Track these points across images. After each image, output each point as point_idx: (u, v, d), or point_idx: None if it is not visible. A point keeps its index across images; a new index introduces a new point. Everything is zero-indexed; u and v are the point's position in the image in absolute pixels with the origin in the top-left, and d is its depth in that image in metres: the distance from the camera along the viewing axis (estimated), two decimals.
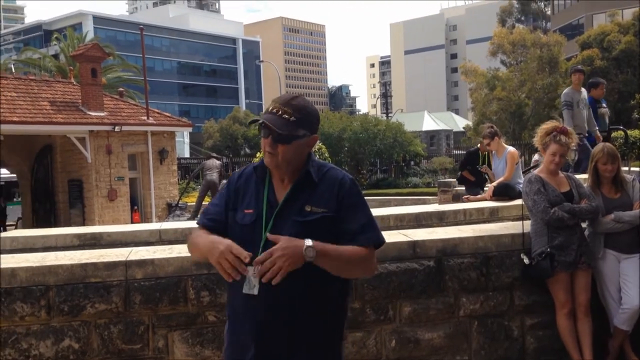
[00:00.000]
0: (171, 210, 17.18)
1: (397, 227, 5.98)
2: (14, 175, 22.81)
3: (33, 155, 19.12)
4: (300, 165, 2.25)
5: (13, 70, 29.48)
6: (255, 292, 2.12)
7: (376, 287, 3.63)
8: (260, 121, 2.18)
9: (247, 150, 52.31)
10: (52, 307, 3.35)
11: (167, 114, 21.34)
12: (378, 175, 34.89)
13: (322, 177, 2.26)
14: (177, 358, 3.46)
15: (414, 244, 3.76)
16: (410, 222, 6.20)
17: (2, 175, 24.44)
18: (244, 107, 77.82)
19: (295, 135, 2.17)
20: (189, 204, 17.50)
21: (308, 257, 2.04)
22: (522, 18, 60.41)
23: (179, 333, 3.47)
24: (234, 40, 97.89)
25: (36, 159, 19.00)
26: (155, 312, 3.42)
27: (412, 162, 34.54)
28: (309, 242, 2.06)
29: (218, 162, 14.62)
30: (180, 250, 3.67)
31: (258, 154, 15.08)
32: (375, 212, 7.36)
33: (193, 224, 8.13)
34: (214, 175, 14.05)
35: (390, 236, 3.95)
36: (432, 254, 3.78)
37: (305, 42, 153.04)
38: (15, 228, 19.30)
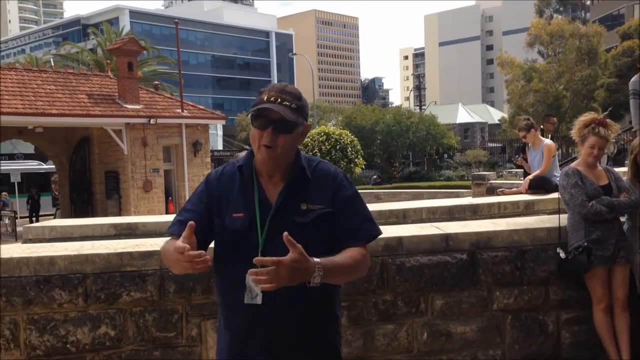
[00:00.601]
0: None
1: (429, 220, 5.93)
2: (50, 166, 23.39)
3: (71, 147, 19.59)
4: (291, 160, 2.11)
5: (52, 64, 30.15)
6: (259, 301, 1.98)
7: (408, 279, 3.61)
8: (264, 107, 2.01)
9: None
10: (89, 295, 3.43)
11: (201, 107, 21.59)
12: (410, 168, 34.63)
13: (312, 172, 2.13)
14: (209, 347, 3.50)
15: (446, 237, 3.73)
16: (443, 215, 6.14)
17: (36, 167, 25.08)
18: None
19: (296, 124, 2.05)
20: None
21: (314, 282, 1.87)
22: (561, 8, 59.03)
23: (212, 322, 3.51)
24: (267, 34, 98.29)
25: (74, 150, 19.45)
26: (189, 301, 3.47)
27: (446, 155, 34.18)
28: (319, 265, 1.87)
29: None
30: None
31: None
32: (408, 204, 7.35)
33: None
34: None
35: (423, 229, 3.93)
36: (465, 247, 3.73)
37: (338, 34, 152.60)
38: (54, 218, 19.80)
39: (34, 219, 19.78)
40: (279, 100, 2.02)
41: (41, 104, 16.43)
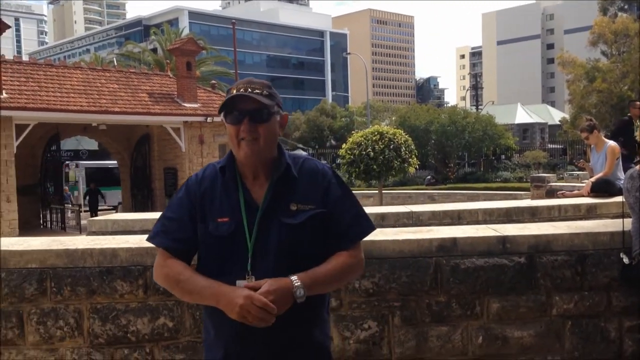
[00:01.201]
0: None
1: (485, 222, 5.82)
2: (109, 162, 24.17)
3: (132, 144, 20.22)
4: (274, 157, 2.01)
5: (115, 64, 31.17)
6: None
7: (462, 281, 3.56)
8: (235, 97, 1.93)
9: (333, 142, 52.65)
10: (149, 287, 3.53)
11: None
12: (466, 169, 34.06)
13: (299, 169, 2.01)
14: None
15: (503, 239, 3.65)
16: (500, 217, 6.01)
17: (95, 163, 25.94)
18: (330, 99, 78.29)
19: (272, 110, 1.97)
20: None
21: (298, 297, 1.83)
22: (626, 6, 56.60)
23: None
24: (321, 33, 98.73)
25: (135, 147, 20.08)
26: None
27: (503, 156, 33.45)
28: (296, 280, 1.83)
29: (304, 153, 14.80)
30: None
31: (344, 145, 15.12)
32: (463, 205, 7.25)
33: None
34: None
35: (479, 230, 3.86)
36: (523, 250, 3.64)
37: (394, 33, 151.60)
38: (116, 212, 20.49)
39: (93, 212, 20.53)
40: (249, 89, 1.94)
41: (105, 102, 17.04)
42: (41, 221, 18.68)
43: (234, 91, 1.95)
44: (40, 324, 3.60)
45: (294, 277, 1.84)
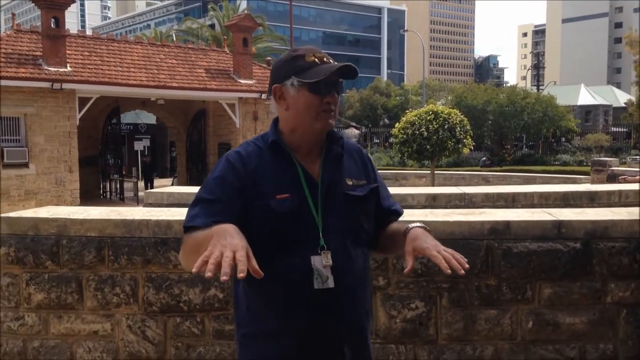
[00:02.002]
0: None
1: (541, 206, 5.68)
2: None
3: (189, 119, 20.64)
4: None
5: (174, 39, 31.73)
6: (331, 284, 1.81)
7: (514, 265, 3.49)
8: (345, 66, 1.85)
9: (387, 121, 52.18)
10: None
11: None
12: (523, 150, 33.19)
13: (344, 145, 1.99)
14: None
15: (559, 224, 3.55)
16: (557, 201, 5.85)
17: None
18: (385, 78, 77.44)
19: None
20: None
21: None
22: None
23: None
24: (379, 10, 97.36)
25: (191, 122, 20.49)
26: None
27: (563, 139, 32.42)
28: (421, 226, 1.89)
29: (357, 131, 14.76)
30: None
31: (397, 125, 14.97)
32: (518, 188, 7.09)
33: None
34: None
35: (534, 214, 3.77)
36: (579, 236, 3.54)
37: (453, 10, 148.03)
38: (172, 185, 21.04)
39: (148, 184, 21.12)
40: (328, 60, 1.88)
41: (163, 77, 17.40)
42: (101, 192, 19.39)
43: (313, 59, 1.85)
44: (97, 290, 3.76)
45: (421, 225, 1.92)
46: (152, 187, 16.88)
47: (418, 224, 1.91)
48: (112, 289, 3.75)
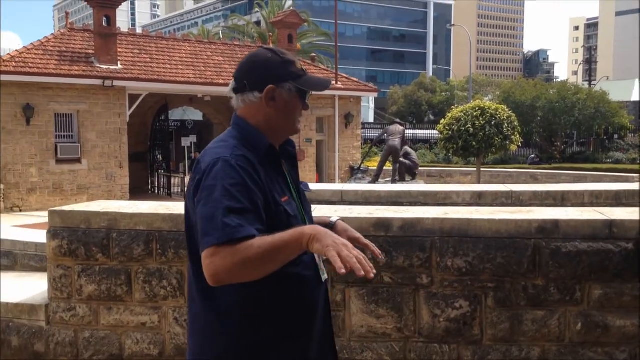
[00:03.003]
0: (353, 173, 17.69)
1: (591, 205, 5.52)
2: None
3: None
4: None
5: (221, 36, 32.13)
6: (326, 276, 1.97)
7: (563, 265, 3.41)
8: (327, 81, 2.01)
9: (431, 117, 51.59)
10: None
11: (355, 79, 21.81)
12: (574, 148, 32.28)
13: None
14: (352, 313, 3.60)
15: (610, 224, 3.45)
16: (608, 200, 5.68)
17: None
18: (430, 73, 76.56)
19: None
20: (370, 168, 17.86)
21: None
22: None
23: (356, 290, 3.60)
24: (425, 4, 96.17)
25: None
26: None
27: (616, 136, 31.36)
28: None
29: (401, 128, 14.62)
30: (360, 212, 3.78)
31: (442, 121, 14.79)
32: (567, 186, 6.91)
33: (374, 187, 8.28)
34: (396, 141, 14.08)
35: (583, 213, 3.67)
36: (632, 236, 3.43)
37: (502, 3, 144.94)
38: None
39: None
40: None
41: (210, 74, 17.66)
42: (149, 187, 19.83)
43: (301, 67, 1.97)
44: (146, 283, 3.86)
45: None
46: None
47: (337, 218, 2.08)
48: (160, 281, 3.84)
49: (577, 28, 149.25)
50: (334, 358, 2.05)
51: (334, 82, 19.67)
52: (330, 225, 2.03)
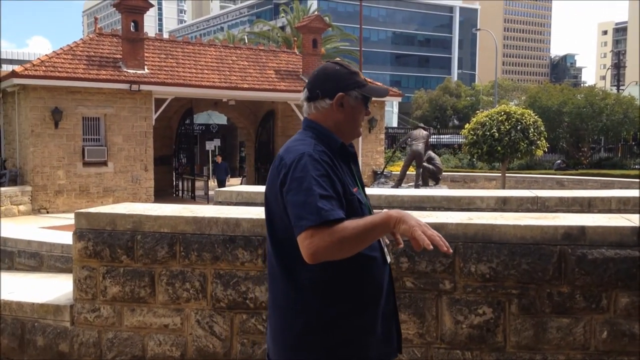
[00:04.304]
0: (376, 177, 17.63)
1: (619, 211, 5.42)
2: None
3: (258, 120, 21.00)
4: None
5: (246, 41, 32.34)
6: (390, 258, 2.20)
7: (589, 272, 3.35)
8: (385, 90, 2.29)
9: (456, 122, 51.19)
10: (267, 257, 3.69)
11: (379, 84, 21.77)
12: (601, 154, 31.75)
13: None
14: None
15: (637, 231, 3.38)
16: (636, 206, 5.57)
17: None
18: (455, 78, 76.01)
19: None
20: (393, 172, 17.79)
21: None
22: None
23: None
24: (450, 9, 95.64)
25: (260, 123, 20.84)
26: None
27: None
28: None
29: (425, 132, 14.54)
30: None
31: (467, 126, 14.67)
32: (594, 192, 6.79)
33: (397, 191, 8.24)
34: (419, 146, 14.01)
35: (611, 219, 3.60)
36: None
37: (529, 8, 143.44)
38: (241, 184, 21.47)
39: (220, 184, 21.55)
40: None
41: (235, 79, 17.79)
42: (173, 190, 20.03)
43: (364, 78, 2.21)
44: (169, 285, 3.89)
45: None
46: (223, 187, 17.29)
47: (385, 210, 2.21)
48: (183, 284, 3.87)
49: (605, 32, 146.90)
50: (398, 334, 2.24)
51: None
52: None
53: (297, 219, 1.89)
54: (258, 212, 3.92)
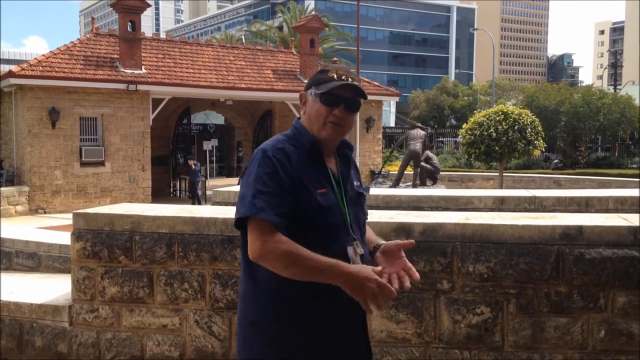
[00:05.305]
0: (374, 177, 17.64)
1: (616, 211, 5.44)
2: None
3: (256, 120, 21.00)
4: None
5: (244, 41, 32.33)
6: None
7: (587, 272, 3.37)
8: (344, 85, 2.04)
9: (453, 122, 51.25)
10: None
11: (376, 83, 21.79)
12: (598, 153, 31.84)
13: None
14: (372, 318, 3.59)
15: (635, 230, 3.39)
16: (634, 206, 5.59)
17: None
18: (452, 77, 76.04)
19: (361, 103, 2.15)
20: (390, 172, 17.80)
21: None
22: None
23: None
24: (448, 8, 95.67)
25: (258, 122, 20.84)
26: None
27: None
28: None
29: (422, 132, 14.55)
30: (380, 216, 3.77)
31: (464, 125, 14.68)
32: (591, 192, 6.82)
33: (394, 191, 8.25)
34: (417, 145, 14.02)
35: (608, 219, 3.61)
36: None
37: (526, 7, 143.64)
38: (239, 184, 21.41)
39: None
40: (350, 79, 2.07)
41: (232, 79, 17.78)
42: (171, 190, 20.01)
43: (334, 76, 2.06)
44: (167, 285, 3.90)
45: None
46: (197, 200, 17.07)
47: (383, 242, 2.17)
48: (181, 284, 3.87)
49: (602, 32, 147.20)
50: (368, 350, 2.19)
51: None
52: (376, 248, 2.15)
53: (235, 210, 2.01)
54: None
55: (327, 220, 2.01)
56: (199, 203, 16.59)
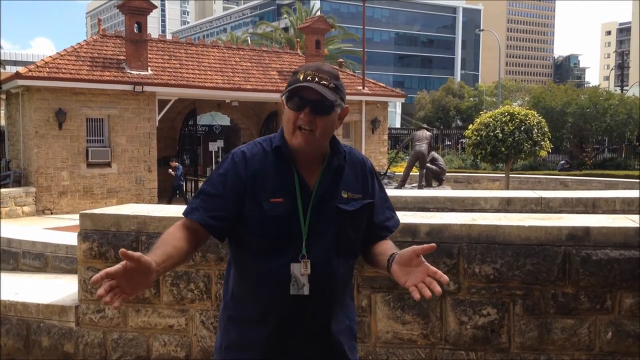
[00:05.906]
0: (380, 178, 17.61)
1: (623, 212, 5.41)
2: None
3: (261, 121, 21.02)
4: (326, 146, 1.98)
5: (249, 42, 32.36)
6: (306, 292, 1.88)
7: (593, 273, 3.35)
8: (301, 87, 1.87)
9: (459, 123, 51.16)
10: None
11: (382, 85, 21.77)
12: (605, 154, 31.69)
13: (347, 158, 2.02)
14: (378, 318, 3.59)
15: None
16: None
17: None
18: (458, 78, 75.90)
19: (334, 104, 1.90)
20: (396, 173, 17.78)
21: None
22: None
23: (382, 295, 3.59)
24: (454, 9, 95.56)
25: (263, 124, 20.85)
26: (361, 273, 3.58)
27: None
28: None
29: (428, 133, 14.51)
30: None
31: (470, 126, 14.65)
32: (598, 193, 6.79)
33: (400, 192, 8.23)
34: (423, 146, 13.99)
35: (615, 220, 3.60)
36: None
37: (532, 8, 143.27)
38: None
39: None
40: (316, 79, 1.88)
41: (238, 80, 17.81)
42: (177, 190, 20.03)
43: (301, 77, 1.90)
44: (173, 286, 3.90)
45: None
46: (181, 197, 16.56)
47: (397, 251, 1.91)
48: (187, 284, 3.88)
49: (609, 33, 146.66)
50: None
51: (360, 88, 19.63)
52: (389, 261, 1.91)
53: None
54: None
55: (271, 231, 1.88)
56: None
